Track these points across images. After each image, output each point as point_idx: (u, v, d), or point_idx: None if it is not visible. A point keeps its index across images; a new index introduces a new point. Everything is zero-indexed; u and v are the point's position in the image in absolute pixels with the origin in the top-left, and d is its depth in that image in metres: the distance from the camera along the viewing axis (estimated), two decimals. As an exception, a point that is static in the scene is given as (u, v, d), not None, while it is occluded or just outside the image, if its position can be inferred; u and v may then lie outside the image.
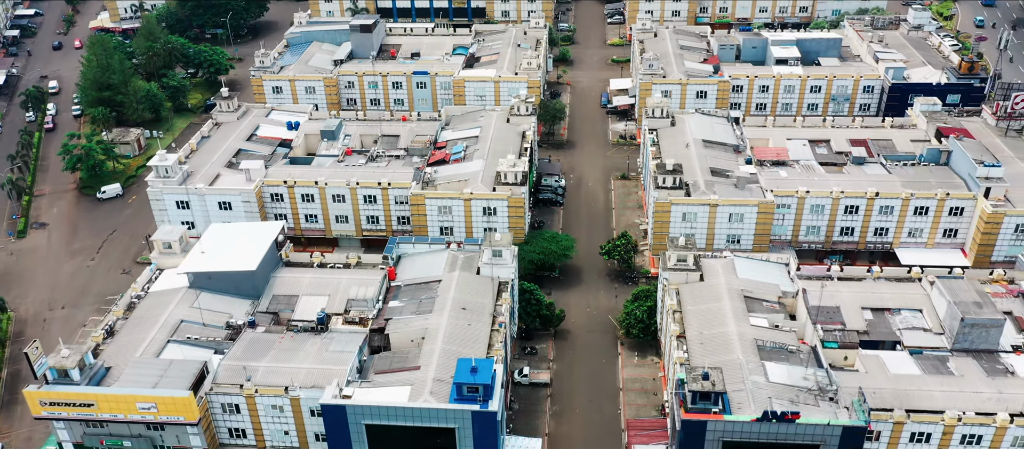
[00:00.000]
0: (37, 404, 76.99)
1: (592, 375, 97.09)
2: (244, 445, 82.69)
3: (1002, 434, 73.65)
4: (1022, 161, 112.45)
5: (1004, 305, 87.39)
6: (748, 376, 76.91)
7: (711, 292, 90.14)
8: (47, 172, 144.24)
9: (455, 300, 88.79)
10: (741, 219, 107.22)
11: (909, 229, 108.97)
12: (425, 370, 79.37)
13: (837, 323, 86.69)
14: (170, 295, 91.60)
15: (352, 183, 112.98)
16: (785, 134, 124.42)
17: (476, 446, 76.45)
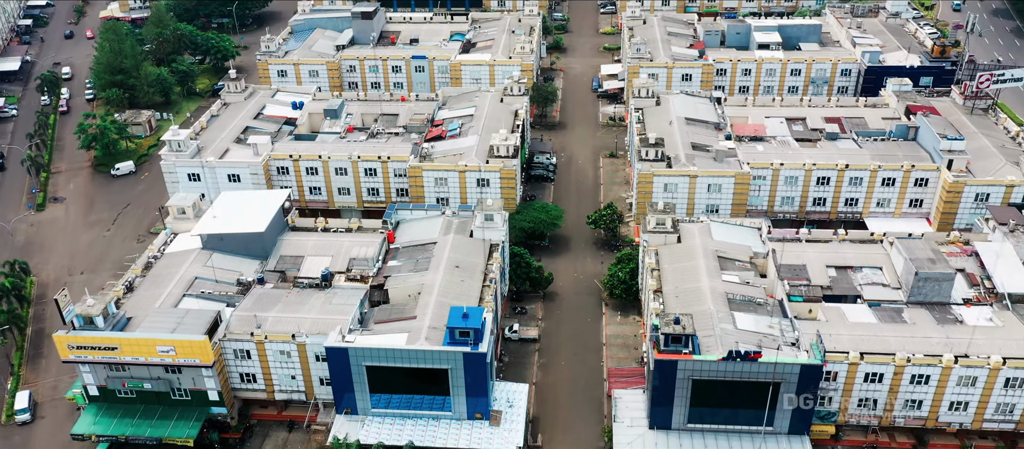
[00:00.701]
0: (65, 348, 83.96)
1: (577, 332, 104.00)
2: (254, 389, 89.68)
3: (948, 373, 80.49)
4: (985, 136, 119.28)
5: (958, 263, 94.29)
6: (718, 324, 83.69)
7: (687, 252, 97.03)
8: (63, 151, 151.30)
9: (449, 259, 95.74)
10: (719, 189, 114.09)
11: (877, 199, 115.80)
12: (421, 319, 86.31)
13: (803, 279, 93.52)
14: (185, 255, 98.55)
15: (354, 157, 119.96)
16: (764, 113, 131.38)
17: (467, 386, 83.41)
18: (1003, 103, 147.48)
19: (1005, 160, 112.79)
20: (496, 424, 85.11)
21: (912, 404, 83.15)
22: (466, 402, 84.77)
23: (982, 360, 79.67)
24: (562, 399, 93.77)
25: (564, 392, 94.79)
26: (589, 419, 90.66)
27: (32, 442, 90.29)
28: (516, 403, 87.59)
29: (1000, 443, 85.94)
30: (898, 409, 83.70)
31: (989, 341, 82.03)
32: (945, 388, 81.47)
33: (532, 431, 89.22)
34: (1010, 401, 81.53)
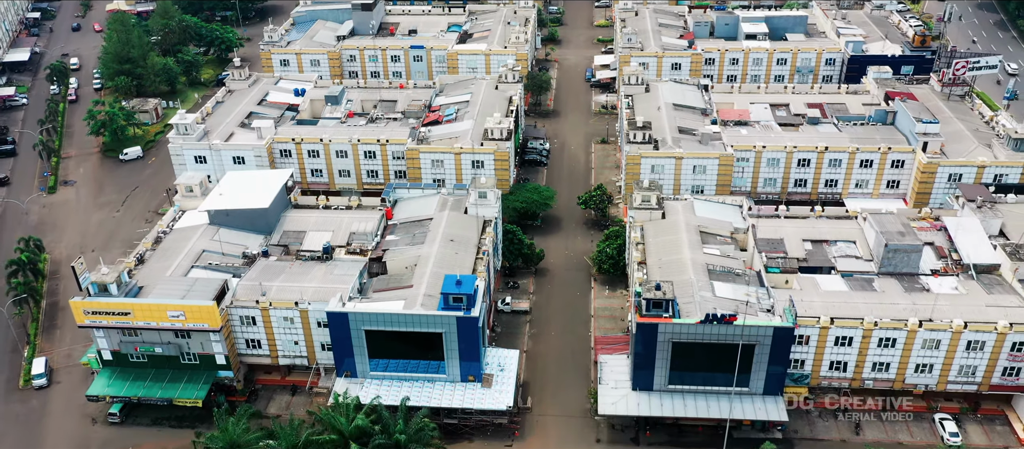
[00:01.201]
0: (81, 313, 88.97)
1: (567, 305, 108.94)
2: (259, 355, 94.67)
3: (913, 336, 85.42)
4: (960, 121, 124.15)
5: (927, 237, 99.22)
6: (697, 292, 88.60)
7: (671, 227, 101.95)
8: (72, 138, 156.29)
9: (444, 233, 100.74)
10: (704, 170, 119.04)
11: (856, 180, 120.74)
12: (417, 288, 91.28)
13: (780, 252, 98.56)
14: (193, 230, 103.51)
15: (354, 140, 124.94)
16: (749, 99, 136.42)
17: (461, 350, 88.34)
18: (983, 93, 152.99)
19: (978, 143, 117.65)
20: (488, 386, 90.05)
21: (880, 367, 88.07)
22: (459, 365, 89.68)
23: (945, 324, 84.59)
24: (551, 365, 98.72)
25: (553, 359, 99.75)
26: (576, 383, 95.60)
27: (49, 405, 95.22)
28: (507, 367, 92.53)
29: (964, 404, 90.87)
30: (867, 372, 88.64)
31: (953, 307, 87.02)
32: (911, 351, 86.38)
33: (522, 394, 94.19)
34: (972, 363, 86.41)
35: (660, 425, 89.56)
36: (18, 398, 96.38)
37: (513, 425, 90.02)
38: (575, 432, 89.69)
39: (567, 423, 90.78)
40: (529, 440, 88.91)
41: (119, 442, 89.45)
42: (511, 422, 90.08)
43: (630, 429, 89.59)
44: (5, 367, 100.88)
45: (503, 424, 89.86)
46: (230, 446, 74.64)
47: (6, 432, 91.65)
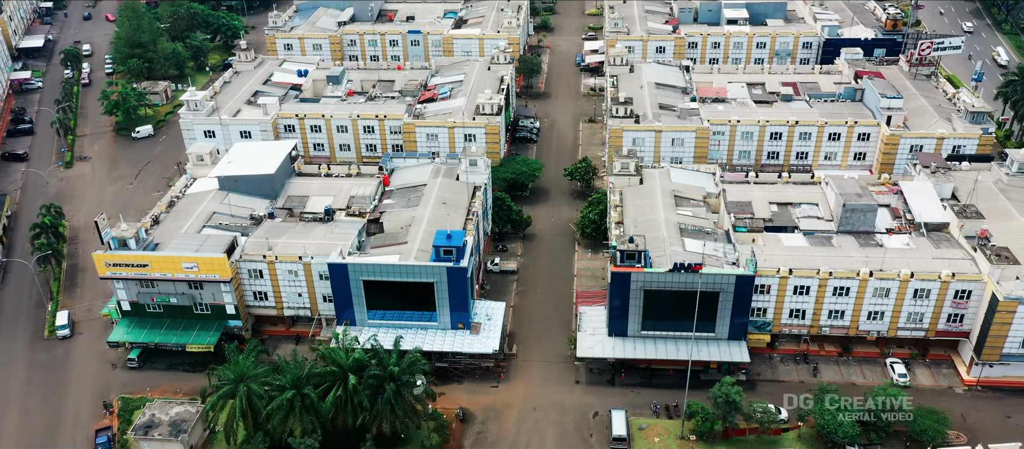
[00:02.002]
0: (103, 265, 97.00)
1: (552, 266, 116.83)
2: (266, 307, 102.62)
3: (864, 285, 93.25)
4: (924, 97, 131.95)
5: (884, 199, 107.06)
6: (669, 246, 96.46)
7: (647, 192, 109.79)
8: (86, 118, 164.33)
9: (437, 197, 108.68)
10: (682, 143, 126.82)
11: (825, 153, 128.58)
12: (411, 244, 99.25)
13: (748, 213, 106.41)
14: (204, 195, 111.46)
15: (353, 115, 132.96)
16: (727, 79, 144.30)
17: (451, 298, 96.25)
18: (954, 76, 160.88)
19: (939, 117, 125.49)
20: (476, 333, 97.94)
21: (835, 314, 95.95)
22: (450, 314, 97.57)
23: (893, 274, 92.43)
24: (535, 318, 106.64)
25: (537, 313, 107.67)
26: (558, 333, 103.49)
27: (72, 352, 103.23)
28: (494, 317, 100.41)
29: (914, 350, 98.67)
30: (824, 319, 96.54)
31: (902, 259, 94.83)
32: (863, 299, 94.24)
33: (508, 343, 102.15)
34: (920, 310, 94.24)
35: (634, 368, 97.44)
36: (44, 347, 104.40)
37: (499, 369, 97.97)
38: (556, 375, 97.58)
39: (549, 367, 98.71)
40: (513, 383, 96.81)
41: (137, 384, 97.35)
42: (497, 366, 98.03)
43: (606, 372, 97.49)
44: (31, 320, 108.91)
45: (490, 368, 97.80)
46: (240, 378, 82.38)
47: (34, 377, 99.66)
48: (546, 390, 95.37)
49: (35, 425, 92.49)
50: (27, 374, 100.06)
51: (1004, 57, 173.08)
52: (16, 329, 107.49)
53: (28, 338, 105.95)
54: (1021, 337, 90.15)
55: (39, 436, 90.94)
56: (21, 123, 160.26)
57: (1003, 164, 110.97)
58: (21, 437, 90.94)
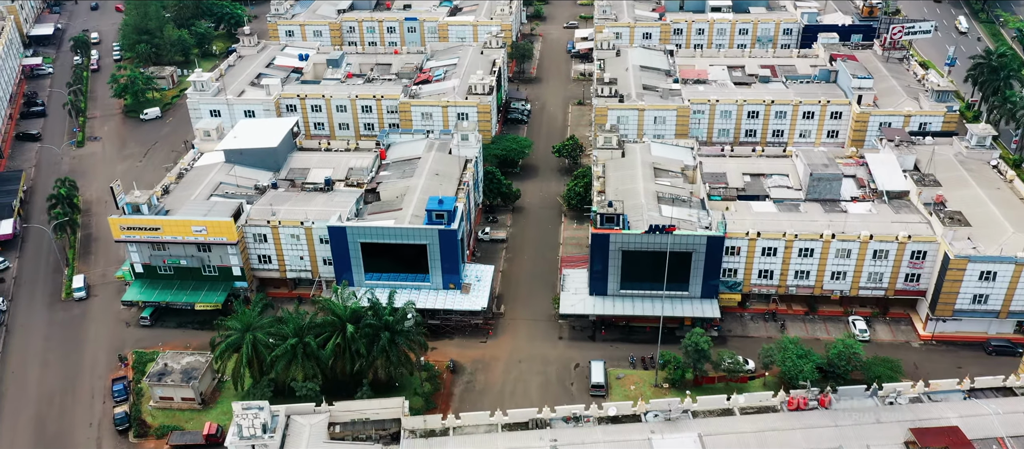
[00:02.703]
0: (118, 229, 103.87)
1: (539, 235, 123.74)
2: (269, 269, 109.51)
3: (827, 246, 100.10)
4: (895, 78, 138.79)
5: (850, 170, 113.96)
6: (646, 212, 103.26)
7: (628, 164, 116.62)
8: (96, 101, 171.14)
9: (430, 169, 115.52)
10: (664, 121, 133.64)
11: (800, 131, 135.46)
12: (406, 210, 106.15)
13: (722, 183, 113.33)
14: (211, 167, 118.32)
15: (352, 95, 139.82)
16: (709, 62, 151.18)
17: (442, 259, 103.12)
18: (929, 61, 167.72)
19: (907, 96, 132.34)
20: (466, 293, 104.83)
21: (802, 274, 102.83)
22: (442, 275, 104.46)
23: (854, 235, 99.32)
24: (522, 282, 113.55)
25: (524, 277, 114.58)
26: (543, 294, 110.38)
27: (88, 313, 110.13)
28: (483, 279, 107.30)
29: (876, 309, 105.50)
30: (791, 279, 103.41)
31: (863, 223, 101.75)
32: (826, 260, 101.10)
33: (497, 303, 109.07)
34: (879, 271, 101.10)
35: (614, 325, 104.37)
36: (61, 307, 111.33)
37: (487, 326, 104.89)
38: (541, 332, 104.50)
39: (534, 325, 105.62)
40: (501, 338, 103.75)
41: (149, 341, 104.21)
42: (485, 323, 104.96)
43: (588, 328, 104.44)
44: (49, 283, 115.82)
45: (479, 325, 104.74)
46: (246, 327, 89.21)
47: (53, 334, 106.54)
48: (531, 345, 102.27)
49: (55, 376, 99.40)
50: (46, 332, 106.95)
51: (964, 25, 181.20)
52: (35, 292, 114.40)
53: (47, 300, 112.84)
54: (971, 294, 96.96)
55: (59, 385, 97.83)
56: (34, 106, 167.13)
57: (963, 138, 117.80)
58: (43, 387, 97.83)
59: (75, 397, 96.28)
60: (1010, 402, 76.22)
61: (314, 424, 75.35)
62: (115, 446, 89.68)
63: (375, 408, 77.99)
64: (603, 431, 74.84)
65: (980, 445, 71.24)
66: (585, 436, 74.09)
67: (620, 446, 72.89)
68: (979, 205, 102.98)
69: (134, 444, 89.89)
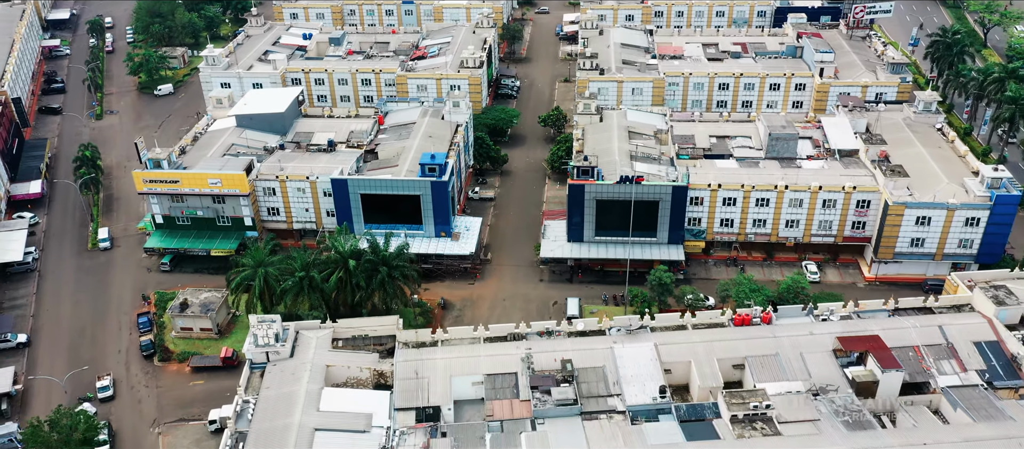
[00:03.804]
0: (141, 182, 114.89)
1: (525, 195, 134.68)
2: (278, 221, 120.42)
3: (781, 196, 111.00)
4: (856, 54, 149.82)
5: (807, 132, 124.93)
6: (619, 167, 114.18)
7: (606, 127, 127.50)
8: (112, 79, 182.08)
9: (424, 132, 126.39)
10: (641, 92, 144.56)
11: (767, 101, 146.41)
12: (401, 166, 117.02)
13: (690, 144, 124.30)
14: (223, 131, 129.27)
15: (352, 69, 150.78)
16: (685, 40, 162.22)
17: (434, 208, 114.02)
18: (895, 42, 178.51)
19: (866, 69, 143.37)
20: (456, 240, 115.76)
21: (759, 223, 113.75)
22: (434, 225, 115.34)
23: (805, 186, 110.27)
24: (508, 234, 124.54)
25: (510, 230, 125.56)
26: (527, 244, 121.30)
27: (113, 261, 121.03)
28: (472, 229, 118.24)
29: (827, 255, 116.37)
30: (749, 228, 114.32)
31: (814, 176, 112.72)
32: (781, 209, 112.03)
33: (484, 251, 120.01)
34: (828, 219, 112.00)
35: (589, 269, 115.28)
36: (88, 256, 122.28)
37: (475, 270, 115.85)
38: (524, 275, 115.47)
39: (518, 270, 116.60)
40: (488, 281, 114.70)
41: (169, 284, 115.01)
42: (474, 268, 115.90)
43: (566, 272, 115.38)
44: (76, 236, 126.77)
45: (467, 269, 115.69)
46: (258, 263, 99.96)
47: (82, 279, 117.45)
48: (515, 286, 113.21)
49: (86, 313, 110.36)
50: (76, 277, 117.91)
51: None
52: (64, 243, 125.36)
53: (75, 249, 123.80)
54: (909, 237, 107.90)
55: (90, 320, 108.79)
56: (53, 83, 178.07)
57: (912, 105, 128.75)
58: (75, 321, 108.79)
59: (104, 329, 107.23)
60: (927, 318, 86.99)
61: (320, 337, 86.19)
62: (142, 368, 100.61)
63: (373, 325, 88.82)
64: (572, 342, 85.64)
65: (897, 351, 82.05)
66: (556, 345, 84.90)
67: (586, 353, 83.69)
68: (920, 161, 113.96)
69: (159, 366, 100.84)
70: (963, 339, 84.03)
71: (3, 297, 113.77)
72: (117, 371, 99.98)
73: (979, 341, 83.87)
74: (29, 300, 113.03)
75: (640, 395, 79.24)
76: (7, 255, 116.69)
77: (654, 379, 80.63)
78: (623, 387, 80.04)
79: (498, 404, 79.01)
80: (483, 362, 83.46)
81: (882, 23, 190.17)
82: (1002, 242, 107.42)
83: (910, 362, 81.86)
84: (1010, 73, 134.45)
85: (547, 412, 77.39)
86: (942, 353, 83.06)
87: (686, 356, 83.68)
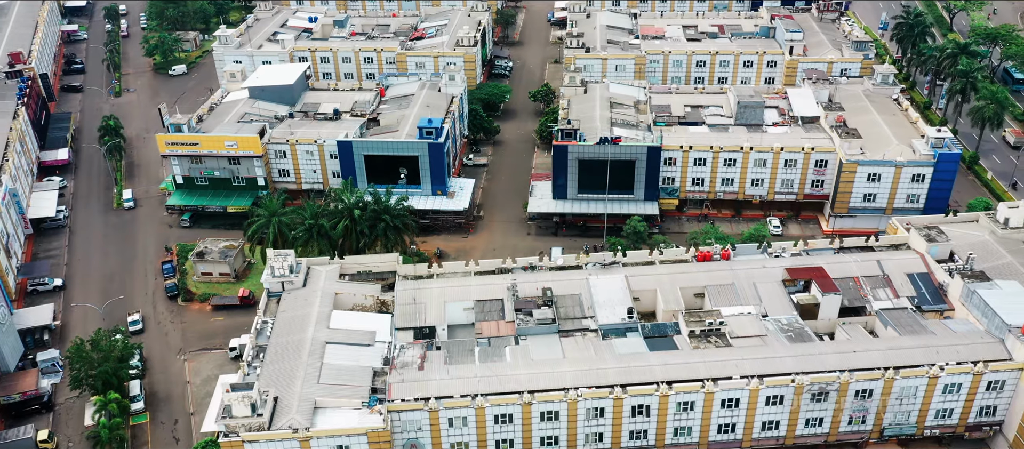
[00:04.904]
0: (164, 144, 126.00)
1: (515, 162, 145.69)
2: (288, 182, 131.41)
3: (747, 156, 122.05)
4: (824, 34, 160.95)
5: (774, 103, 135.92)
6: (601, 131, 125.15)
7: (589, 98, 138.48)
8: (128, 61, 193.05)
9: (422, 102, 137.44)
10: (624, 69, 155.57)
11: (741, 77, 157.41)
12: (401, 130, 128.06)
13: (666, 113, 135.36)
14: (237, 102, 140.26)
15: (356, 49, 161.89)
16: (667, 22, 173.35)
17: (432, 170, 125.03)
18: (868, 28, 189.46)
19: (832, 47, 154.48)
20: (451, 198, 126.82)
21: (727, 181, 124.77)
22: (431, 184, 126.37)
23: (768, 147, 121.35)
24: (499, 195, 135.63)
25: (501, 192, 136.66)
26: (516, 203, 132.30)
27: (137, 218, 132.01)
28: (466, 188, 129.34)
29: (790, 212, 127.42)
30: (718, 186, 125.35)
31: (777, 139, 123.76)
32: (747, 169, 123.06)
33: (477, 209, 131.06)
34: (790, 177, 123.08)
35: (573, 224, 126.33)
36: (114, 214, 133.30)
37: (468, 225, 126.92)
38: (513, 230, 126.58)
39: (508, 225, 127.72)
40: (480, 234, 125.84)
41: (189, 237, 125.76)
42: (467, 223, 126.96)
43: (551, 227, 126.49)
44: (102, 197, 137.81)
45: (461, 224, 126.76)
46: (272, 213, 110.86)
47: (109, 234, 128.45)
48: (505, 238, 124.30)
49: (114, 262, 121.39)
50: (103, 232, 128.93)
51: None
52: (91, 202, 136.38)
53: (101, 208, 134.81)
54: (862, 193, 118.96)
55: (119, 266, 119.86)
56: (73, 64, 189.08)
57: (871, 78, 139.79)
58: (104, 269, 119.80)
59: (132, 275, 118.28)
60: (867, 254, 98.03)
61: (329, 271, 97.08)
62: (168, 307, 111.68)
63: (376, 262, 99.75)
64: (552, 275, 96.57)
65: (839, 281, 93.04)
66: (538, 278, 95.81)
67: (565, 283, 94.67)
68: (874, 126, 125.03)
69: (182, 306, 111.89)
70: (898, 271, 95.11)
71: (39, 249, 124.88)
72: (145, 309, 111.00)
73: (912, 273, 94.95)
74: (62, 251, 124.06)
75: (611, 316, 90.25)
76: (41, 211, 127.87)
77: (623, 303, 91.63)
78: (596, 310, 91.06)
79: (486, 324, 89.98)
80: (474, 291, 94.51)
81: (857, 9, 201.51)
82: (945, 197, 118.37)
83: (850, 290, 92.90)
84: (962, 49, 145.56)
85: (529, 330, 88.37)
86: (878, 283, 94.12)
87: (652, 285, 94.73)
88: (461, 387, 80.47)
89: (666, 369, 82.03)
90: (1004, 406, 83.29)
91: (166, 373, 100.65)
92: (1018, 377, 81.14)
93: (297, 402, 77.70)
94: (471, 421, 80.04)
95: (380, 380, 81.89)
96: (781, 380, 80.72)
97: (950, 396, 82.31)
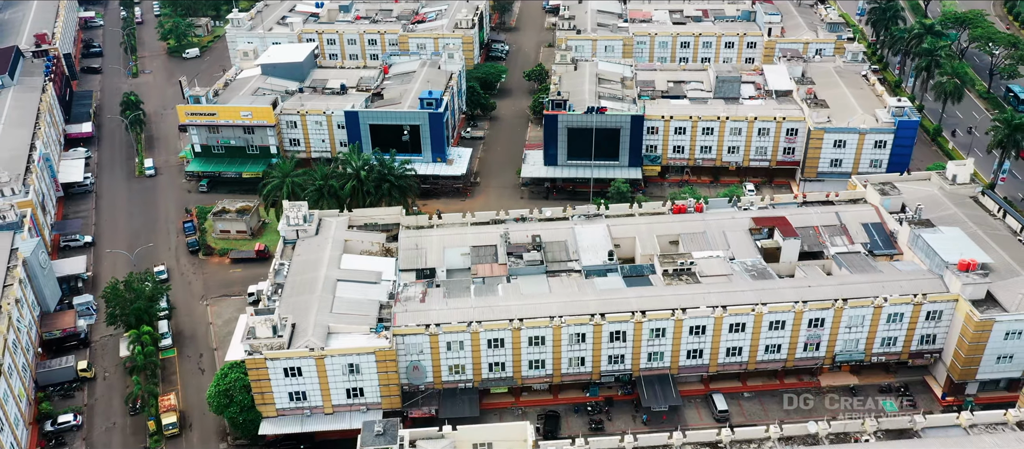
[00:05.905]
0: (184, 115, 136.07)
1: (510, 135, 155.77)
2: (299, 151, 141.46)
3: (723, 126, 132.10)
4: (801, 17, 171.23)
5: (751, 78, 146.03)
6: (588, 103, 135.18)
7: (579, 74, 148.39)
8: (144, 45, 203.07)
9: (423, 78, 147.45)
10: (612, 50, 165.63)
11: (723, 58, 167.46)
12: (403, 103, 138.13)
13: (650, 87, 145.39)
14: (250, 78, 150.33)
15: (360, 31, 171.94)
16: (654, 6, 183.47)
17: (432, 139, 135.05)
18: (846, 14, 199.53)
19: (808, 29, 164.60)
20: (450, 164, 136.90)
21: (705, 149, 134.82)
22: (431, 151, 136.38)
23: (743, 116, 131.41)
24: (494, 164, 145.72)
25: (496, 161, 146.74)
26: (510, 171, 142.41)
27: (158, 185, 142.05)
28: (463, 156, 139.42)
29: (764, 178, 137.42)
30: (698, 154, 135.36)
31: (752, 111, 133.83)
32: (723, 137, 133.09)
33: (474, 176, 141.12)
34: (763, 145, 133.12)
35: (563, 190, 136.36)
36: (137, 181, 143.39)
37: (466, 190, 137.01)
38: (507, 194, 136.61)
39: (502, 190, 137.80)
40: (477, 198, 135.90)
41: (207, 201, 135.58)
42: (465, 188, 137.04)
43: (543, 191, 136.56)
44: (125, 165, 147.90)
45: (459, 189, 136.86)
46: (285, 174, 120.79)
47: (133, 198, 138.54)
48: (499, 202, 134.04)
49: (139, 222, 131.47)
50: (128, 196, 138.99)
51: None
52: (114, 171, 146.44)
53: (124, 176, 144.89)
54: (829, 159, 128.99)
55: (144, 226, 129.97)
56: (91, 48, 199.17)
57: (842, 56, 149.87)
58: (130, 228, 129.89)
59: (156, 233, 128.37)
60: (827, 207, 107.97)
61: (339, 221, 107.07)
62: (190, 261, 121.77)
63: (381, 214, 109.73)
64: (541, 225, 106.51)
65: (800, 229, 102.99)
66: (528, 227, 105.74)
67: (552, 231, 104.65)
68: (842, 98, 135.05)
69: (203, 259, 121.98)
70: (853, 221, 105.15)
71: (69, 210, 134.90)
72: (169, 263, 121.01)
73: (866, 222, 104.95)
74: (90, 213, 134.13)
75: (593, 259, 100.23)
76: (70, 177, 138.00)
77: (605, 248, 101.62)
78: (580, 254, 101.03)
79: (481, 266, 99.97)
80: (470, 238, 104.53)
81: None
82: (905, 162, 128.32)
83: (809, 237, 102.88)
84: (927, 29, 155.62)
85: (519, 271, 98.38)
86: (836, 231, 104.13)
87: (632, 233, 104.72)
88: (458, 315, 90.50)
89: (641, 301, 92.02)
90: (942, 335, 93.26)
91: (191, 315, 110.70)
92: (953, 308, 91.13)
93: (313, 327, 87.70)
94: (467, 345, 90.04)
95: (386, 311, 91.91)
96: (743, 309, 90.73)
97: (894, 325, 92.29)
